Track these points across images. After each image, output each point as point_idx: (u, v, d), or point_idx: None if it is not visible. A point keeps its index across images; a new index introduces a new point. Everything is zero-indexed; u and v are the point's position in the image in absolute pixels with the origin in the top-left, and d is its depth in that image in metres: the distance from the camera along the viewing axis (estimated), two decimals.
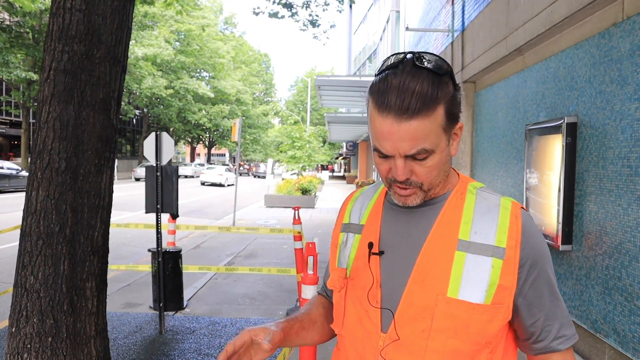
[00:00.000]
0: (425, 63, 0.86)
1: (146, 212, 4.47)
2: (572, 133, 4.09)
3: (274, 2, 8.30)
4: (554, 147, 4.30)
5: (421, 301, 0.90)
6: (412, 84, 0.84)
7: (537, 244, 0.94)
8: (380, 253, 0.97)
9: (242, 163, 61.30)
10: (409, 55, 0.88)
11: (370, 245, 0.98)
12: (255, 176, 49.13)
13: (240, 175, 45.05)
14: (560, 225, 4.14)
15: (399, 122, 0.84)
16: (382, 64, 0.90)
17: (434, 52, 9.28)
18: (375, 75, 0.91)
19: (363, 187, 1.17)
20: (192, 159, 56.11)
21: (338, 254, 1.08)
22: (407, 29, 9.70)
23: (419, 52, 0.88)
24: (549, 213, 4.38)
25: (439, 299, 0.89)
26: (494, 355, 0.94)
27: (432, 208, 0.97)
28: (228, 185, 30.76)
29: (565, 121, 4.10)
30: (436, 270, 0.91)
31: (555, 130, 4.29)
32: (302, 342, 1.09)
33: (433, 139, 0.87)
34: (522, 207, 0.97)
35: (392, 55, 0.91)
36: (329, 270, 1.20)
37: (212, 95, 38.82)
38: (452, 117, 0.90)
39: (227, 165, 42.51)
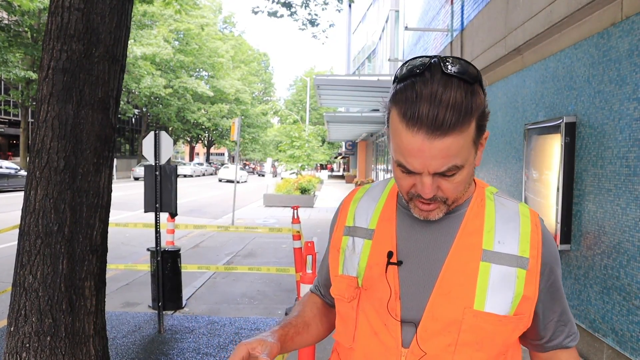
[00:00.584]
0: (456, 70, 0.78)
1: (145, 212, 4.47)
2: (570, 133, 4.10)
3: (273, 1, 8.30)
4: (553, 147, 4.31)
5: (447, 314, 0.87)
6: (446, 96, 0.75)
7: (554, 252, 0.94)
8: (399, 263, 0.92)
9: (247, 162, 61.39)
10: (435, 60, 0.79)
11: (390, 254, 0.93)
12: (260, 175, 49.58)
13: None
14: (559, 225, 4.15)
15: (431, 139, 0.76)
16: (404, 69, 0.82)
17: (433, 52, 9.29)
18: (397, 82, 0.82)
19: (365, 186, 1.10)
20: (191, 158, 56.07)
21: (343, 260, 1.00)
22: (406, 28, 9.70)
23: (444, 57, 0.81)
24: (548, 212, 4.39)
25: (466, 312, 0.86)
26: (507, 357, 0.94)
27: (453, 217, 0.93)
28: (242, 182, 35.22)
29: (564, 121, 4.11)
30: (461, 282, 0.87)
31: (554, 129, 4.30)
32: (297, 347, 1.06)
33: (464, 155, 0.81)
34: (540, 217, 0.97)
35: (413, 59, 0.83)
36: (323, 271, 1.16)
37: (211, 94, 38.79)
38: (481, 129, 0.84)
39: (241, 165, 46.45)
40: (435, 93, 0.75)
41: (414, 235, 0.94)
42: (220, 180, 35.16)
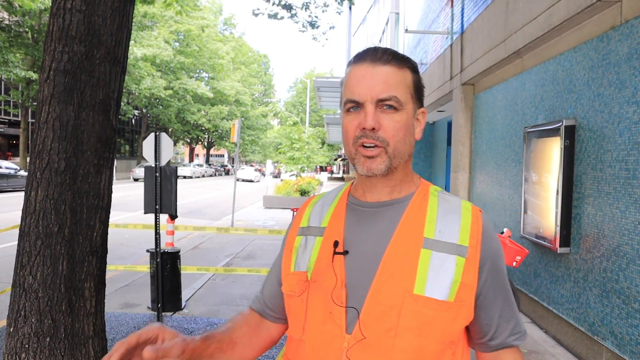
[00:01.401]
0: (391, 51, 0.97)
1: (145, 213, 4.47)
2: (570, 136, 4.10)
3: (273, 3, 8.31)
4: (552, 150, 4.32)
5: (388, 299, 0.90)
6: (383, 49, 0.96)
7: (495, 246, 0.98)
8: (345, 252, 0.96)
9: (252, 164, 61.62)
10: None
11: (336, 244, 0.97)
12: (264, 175, 49.87)
13: None
14: (558, 228, 4.15)
15: (374, 66, 0.93)
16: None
17: (433, 55, 9.30)
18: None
19: (322, 193, 1.15)
20: (191, 160, 56.06)
21: (295, 258, 1.04)
22: (406, 31, 9.72)
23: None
24: (547, 215, 4.39)
25: (406, 296, 0.89)
26: (455, 356, 0.95)
27: (396, 207, 0.98)
28: (256, 181, 40.66)
29: (564, 124, 4.12)
30: (402, 267, 0.91)
31: (553, 132, 4.30)
32: None
33: (402, 94, 0.93)
34: (481, 211, 1.01)
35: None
36: (270, 282, 1.14)
37: (211, 96, 38.81)
38: (419, 93, 0.98)
39: (254, 166, 50.98)
40: (376, 49, 0.96)
41: (361, 226, 0.99)
42: (237, 180, 36.51)
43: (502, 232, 4.40)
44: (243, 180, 39.87)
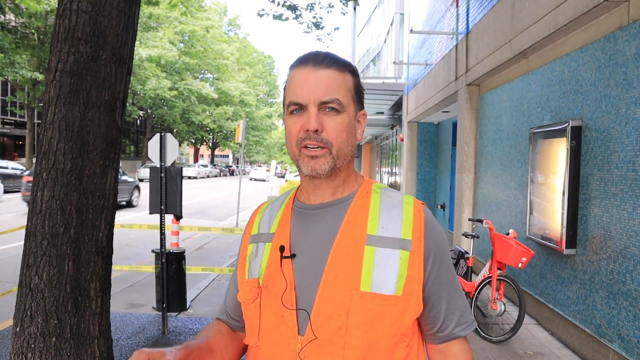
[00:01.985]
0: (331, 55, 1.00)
1: (150, 213, 4.48)
2: (576, 136, 4.08)
3: (278, 4, 8.32)
4: (559, 151, 4.29)
5: (336, 298, 0.91)
6: (324, 54, 0.99)
7: (438, 237, 0.99)
8: (292, 256, 0.98)
9: (260, 165, 61.90)
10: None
11: (282, 248, 0.98)
12: (276, 176, 50.36)
13: None
14: (565, 229, 4.13)
15: (316, 69, 0.95)
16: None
17: (439, 55, 9.28)
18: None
19: (271, 200, 1.18)
20: (196, 160, 56.20)
21: (248, 266, 1.05)
22: (411, 31, 9.69)
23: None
24: (553, 217, 4.37)
25: (353, 293, 0.90)
26: (411, 349, 0.97)
27: (339, 207, 1.00)
28: (267, 181, 42.08)
29: (570, 125, 4.09)
30: (348, 265, 0.92)
31: (559, 133, 4.28)
32: None
33: (344, 96, 0.96)
34: (424, 204, 1.03)
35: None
36: (230, 291, 1.16)
37: (215, 96, 38.88)
38: (359, 95, 1.01)
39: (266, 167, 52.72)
40: (317, 53, 0.99)
41: (306, 229, 1.00)
42: (251, 179, 43.75)
43: (508, 233, 4.38)
44: (256, 180, 42.98)
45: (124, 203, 15.34)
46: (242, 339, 1.13)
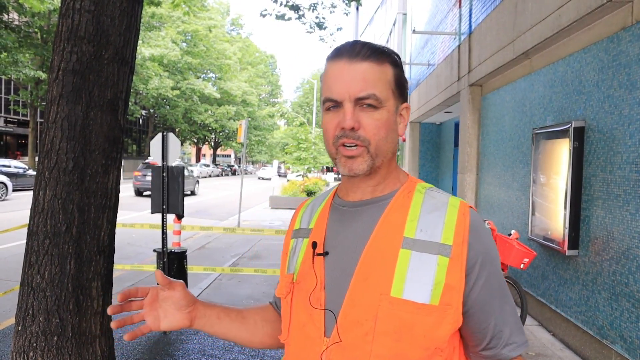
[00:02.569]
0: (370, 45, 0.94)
1: (152, 213, 4.48)
2: (579, 137, 4.07)
3: (281, 4, 8.32)
4: (561, 152, 4.28)
5: (364, 302, 0.86)
6: (361, 44, 0.92)
7: (486, 244, 0.90)
8: (325, 254, 0.94)
9: (266, 165, 62.18)
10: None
11: (314, 245, 0.95)
12: (278, 175, 50.78)
13: None
14: (567, 230, 4.12)
15: (351, 63, 0.88)
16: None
17: (441, 56, 9.27)
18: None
19: (315, 195, 1.15)
20: (198, 160, 56.25)
21: (288, 261, 1.04)
22: (414, 31, 9.68)
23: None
24: (556, 217, 4.36)
25: (382, 298, 0.84)
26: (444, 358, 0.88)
27: (377, 206, 0.94)
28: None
29: (573, 125, 4.08)
30: (379, 268, 0.87)
31: (562, 134, 4.27)
32: (225, 331, 1.07)
33: (382, 90, 0.89)
34: (471, 207, 0.93)
35: None
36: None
37: (218, 96, 38.93)
38: (400, 88, 0.94)
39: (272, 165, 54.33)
40: (354, 44, 0.92)
41: (342, 227, 0.96)
42: (259, 178, 46.37)
43: (510, 234, 4.37)
44: (264, 179, 44.66)
45: (189, 192, 21.71)
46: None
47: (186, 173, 22.54)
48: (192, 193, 22.40)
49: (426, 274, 0.85)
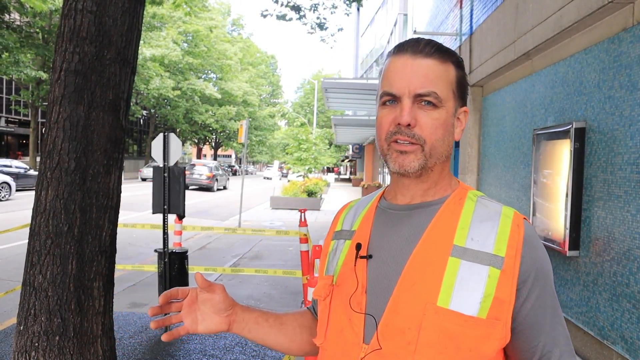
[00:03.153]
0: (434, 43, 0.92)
1: (153, 213, 4.49)
2: (580, 138, 4.07)
3: (282, 5, 8.33)
4: (562, 152, 4.28)
5: (408, 309, 0.82)
6: (425, 41, 0.90)
7: (540, 258, 0.85)
8: (369, 257, 0.90)
9: (269, 165, 62.38)
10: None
11: (358, 246, 0.92)
12: (282, 175, 51.11)
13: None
14: (568, 231, 4.12)
15: (414, 58, 0.87)
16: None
17: None
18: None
19: (359, 198, 1.13)
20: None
21: (327, 262, 1.01)
22: (414, 32, 9.69)
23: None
24: (556, 218, 4.36)
25: (428, 307, 0.81)
26: None
27: (427, 210, 0.91)
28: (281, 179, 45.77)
29: (574, 126, 4.08)
30: (427, 276, 0.83)
31: (563, 135, 4.27)
32: (263, 336, 1.04)
33: (443, 89, 0.87)
34: (525, 218, 0.90)
35: None
36: None
37: (219, 96, 38.95)
38: (462, 90, 0.92)
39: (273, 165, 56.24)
40: (418, 41, 0.90)
41: (388, 230, 0.92)
42: (264, 178, 49.00)
43: None
44: (268, 179, 46.83)
45: (222, 187, 26.62)
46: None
47: (220, 172, 27.16)
48: (224, 188, 27.42)
49: (476, 285, 0.81)
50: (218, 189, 26.10)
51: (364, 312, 0.87)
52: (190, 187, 24.11)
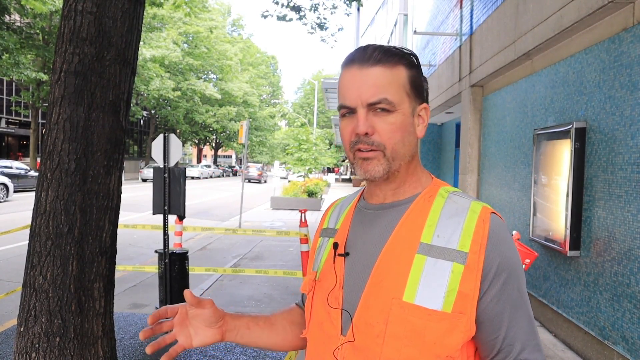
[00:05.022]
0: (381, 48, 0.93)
1: (153, 214, 4.49)
2: (580, 138, 4.07)
3: (282, 5, 8.33)
4: (562, 152, 4.28)
5: (377, 305, 0.87)
6: (373, 47, 0.91)
7: (505, 252, 0.86)
8: (346, 254, 0.96)
9: (250, 166, 62.48)
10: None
11: (335, 245, 0.98)
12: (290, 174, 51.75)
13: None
14: (568, 231, 4.12)
15: (362, 69, 0.89)
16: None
17: (442, 56, 9.27)
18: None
19: (345, 196, 1.17)
20: (199, 161, 56.29)
21: (314, 259, 1.08)
22: (415, 32, 9.68)
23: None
24: (557, 218, 4.35)
25: (394, 302, 0.85)
26: None
27: (397, 209, 0.94)
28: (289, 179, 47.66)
29: (574, 126, 4.08)
30: (394, 273, 0.87)
31: (563, 135, 4.27)
32: (256, 339, 1.09)
33: (395, 94, 0.89)
34: (494, 212, 0.91)
35: None
36: None
37: (219, 97, 38.98)
38: (417, 88, 0.93)
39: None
40: (365, 49, 0.92)
41: (363, 229, 0.97)
42: (248, 181, 52.25)
43: (511, 235, 4.37)
44: (250, 181, 45.76)
45: (264, 181, 32.14)
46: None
47: (265, 171, 33.54)
48: (265, 182, 33.48)
49: (439, 281, 0.84)
50: (264, 182, 40.06)
51: (340, 308, 0.93)
52: (250, 181, 37.48)
